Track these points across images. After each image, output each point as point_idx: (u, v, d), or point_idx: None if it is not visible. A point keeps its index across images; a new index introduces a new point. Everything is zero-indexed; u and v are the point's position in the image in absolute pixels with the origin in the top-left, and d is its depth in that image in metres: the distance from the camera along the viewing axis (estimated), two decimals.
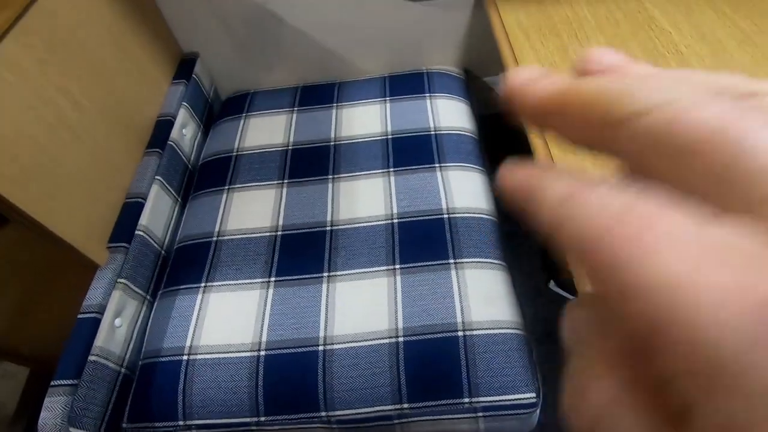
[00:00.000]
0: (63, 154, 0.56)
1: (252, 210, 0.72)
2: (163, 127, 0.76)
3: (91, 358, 0.54)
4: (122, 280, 0.60)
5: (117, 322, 0.59)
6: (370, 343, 0.57)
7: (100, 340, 0.55)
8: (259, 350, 0.57)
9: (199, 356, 0.58)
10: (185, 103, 0.81)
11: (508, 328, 0.57)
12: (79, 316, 0.56)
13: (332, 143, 0.80)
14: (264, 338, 0.58)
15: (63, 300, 0.73)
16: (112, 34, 0.69)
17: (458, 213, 0.68)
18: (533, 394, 0.54)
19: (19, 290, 0.72)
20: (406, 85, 0.87)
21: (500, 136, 1.01)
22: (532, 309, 0.67)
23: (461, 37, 0.90)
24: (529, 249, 1.10)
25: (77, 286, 0.60)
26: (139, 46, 0.75)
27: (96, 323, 0.56)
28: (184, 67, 0.86)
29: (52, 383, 0.51)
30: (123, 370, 0.59)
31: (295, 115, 0.85)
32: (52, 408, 0.50)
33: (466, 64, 0.95)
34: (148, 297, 0.65)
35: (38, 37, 0.54)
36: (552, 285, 1.09)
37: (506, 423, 0.54)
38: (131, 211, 0.66)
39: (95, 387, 0.54)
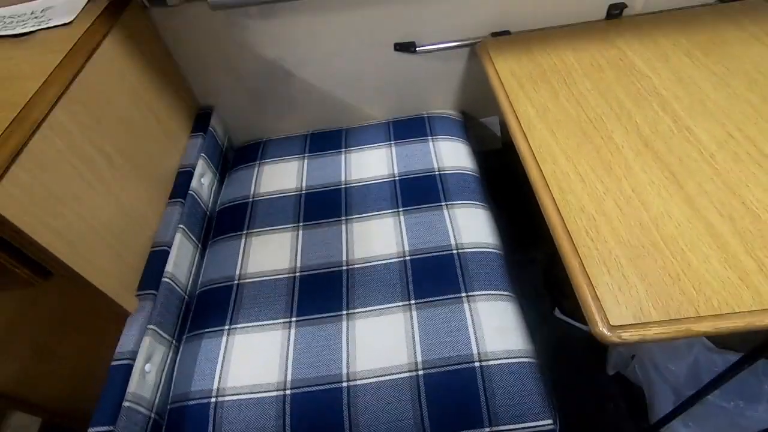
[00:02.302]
0: (99, 208, 0.60)
1: (270, 253, 0.76)
2: (183, 178, 0.81)
3: (125, 404, 0.56)
4: (152, 326, 0.63)
5: (147, 367, 0.61)
6: (391, 377, 0.59)
7: (132, 386, 0.57)
8: (285, 389, 0.60)
9: (227, 398, 0.60)
10: (203, 154, 0.87)
11: (521, 357, 0.60)
12: (113, 362, 0.58)
13: (343, 186, 0.84)
14: (289, 377, 0.61)
15: (78, 351, 0.74)
16: (138, 95, 0.75)
17: (466, 248, 0.72)
18: (550, 421, 0.56)
19: (34, 341, 0.73)
20: (409, 129, 0.94)
21: (498, 169, 1.07)
22: (538, 336, 0.69)
23: (458, 83, 0.97)
24: (532, 277, 1.13)
25: (96, 336, 0.63)
26: (161, 102, 0.81)
27: (129, 369, 0.58)
28: (201, 120, 0.92)
29: (89, 429, 0.53)
30: (153, 415, 0.60)
31: (306, 161, 0.90)
32: None
33: (464, 107, 1.02)
34: (174, 342, 0.68)
35: (80, 105, 0.60)
36: (557, 312, 1.12)
37: None
38: (158, 259, 0.69)
39: None
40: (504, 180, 1.08)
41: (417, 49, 0.88)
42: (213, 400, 0.60)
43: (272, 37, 0.85)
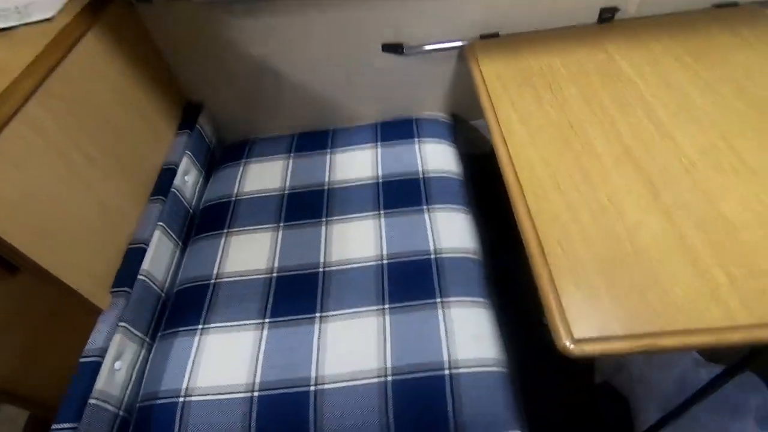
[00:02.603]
0: (74, 205, 0.60)
1: (249, 253, 0.75)
2: (166, 175, 0.81)
3: (91, 401, 0.56)
4: (123, 324, 0.63)
5: (117, 365, 0.61)
6: (359, 383, 0.59)
7: (100, 384, 0.57)
8: (252, 391, 0.59)
9: (194, 398, 0.60)
10: (188, 152, 0.87)
11: (492, 366, 0.59)
12: (81, 359, 0.58)
13: (326, 187, 0.84)
14: (258, 379, 0.60)
15: (66, 345, 0.75)
16: (122, 91, 0.75)
17: (445, 253, 0.71)
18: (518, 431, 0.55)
19: (22, 335, 0.74)
20: (397, 130, 0.93)
21: (484, 174, 1.06)
22: (525, 342, 0.68)
23: (447, 85, 0.96)
24: (521, 283, 1.12)
25: (82, 330, 0.63)
26: (146, 99, 0.81)
27: (97, 367, 0.58)
28: (189, 115, 0.92)
29: (52, 427, 0.53)
30: (121, 412, 0.60)
31: (291, 161, 0.90)
32: None
33: (454, 109, 1.01)
34: (148, 340, 0.68)
35: (58, 100, 0.60)
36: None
37: None
38: (134, 257, 0.69)
39: (93, 430, 0.55)
40: (491, 184, 1.06)
41: (405, 50, 0.88)
42: (181, 399, 0.60)
43: (259, 35, 0.85)
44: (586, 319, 0.45)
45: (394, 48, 0.88)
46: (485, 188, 0.95)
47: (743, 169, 0.56)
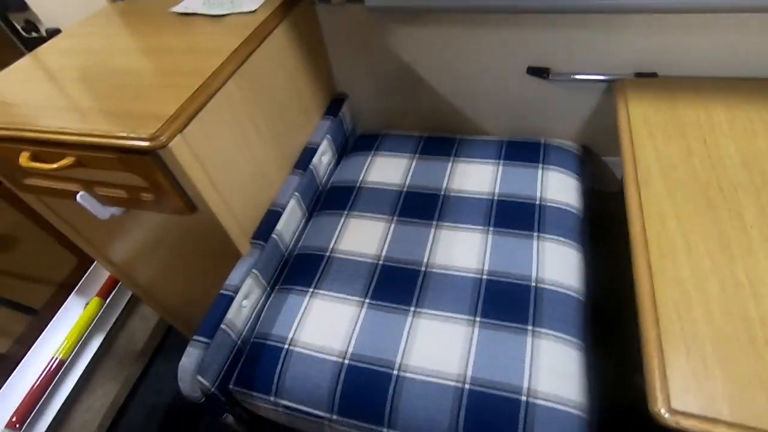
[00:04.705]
0: (241, 167, 0.74)
1: (362, 236, 0.84)
2: (308, 153, 0.93)
3: (222, 326, 0.69)
4: (255, 271, 0.75)
5: (244, 303, 0.74)
6: (438, 381, 0.63)
7: (230, 314, 0.70)
8: (344, 358, 0.67)
9: (297, 348, 0.70)
10: (328, 136, 0.98)
11: (572, 408, 0.59)
12: (221, 291, 0.72)
13: (442, 192, 0.89)
14: (350, 348, 0.68)
15: (197, 274, 0.91)
16: (291, 76, 0.87)
17: (546, 285, 0.71)
18: None
19: (179, 257, 0.91)
20: (522, 152, 0.94)
21: (606, 214, 1.01)
22: (609, 394, 0.66)
23: (585, 115, 0.93)
24: (622, 340, 1.06)
25: (214, 266, 0.77)
26: (306, 85, 0.94)
27: (230, 300, 0.71)
28: (334, 105, 1.04)
29: (193, 338, 0.67)
30: (239, 342, 0.73)
31: (415, 161, 0.96)
32: (190, 355, 0.65)
33: (586, 141, 0.98)
34: (268, 289, 0.80)
35: (247, 80, 0.73)
36: (637, 378, 1.03)
37: None
38: (271, 217, 0.82)
39: (219, 350, 0.68)
40: (612, 225, 1.01)
41: (551, 76, 0.87)
42: (286, 346, 0.70)
43: (413, 41, 0.92)
44: (691, 393, 0.44)
45: (539, 72, 0.88)
46: (604, 227, 0.91)
47: None
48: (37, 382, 0.95)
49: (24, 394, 0.94)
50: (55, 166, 0.63)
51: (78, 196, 0.69)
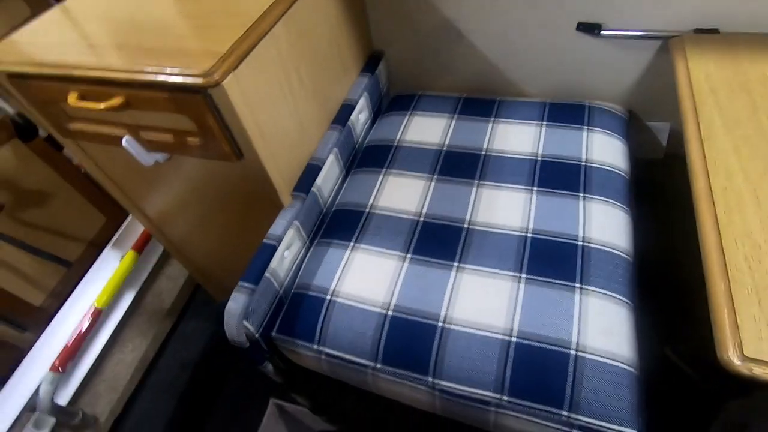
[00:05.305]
0: (285, 117, 0.72)
1: (401, 194, 0.83)
2: (346, 110, 0.91)
3: (266, 274, 0.69)
4: (296, 223, 0.75)
5: (285, 253, 0.73)
6: (484, 333, 0.63)
7: (273, 263, 0.70)
8: (387, 309, 0.67)
9: (339, 299, 0.70)
10: (366, 93, 0.96)
11: (622, 363, 0.59)
12: (264, 241, 0.71)
13: (483, 153, 0.87)
14: (393, 301, 0.68)
15: (234, 225, 0.91)
16: (333, 28, 0.85)
17: (594, 244, 0.70)
18: (635, 431, 0.55)
19: (206, 207, 0.91)
20: (566, 113, 0.91)
21: (651, 181, 0.98)
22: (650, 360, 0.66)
23: (633, 76, 0.90)
24: (657, 305, 1.05)
25: (253, 217, 0.76)
26: (346, 39, 0.91)
27: (273, 249, 0.71)
28: (371, 63, 1.01)
29: (240, 283, 0.67)
30: (281, 292, 0.73)
31: (454, 121, 0.94)
32: (236, 301, 0.65)
33: (631, 105, 0.95)
34: (308, 241, 0.80)
35: (293, 26, 0.71)
36: (669, 350, 1.02)
37: None
38: (311, 171, 0.80)
39: (263, 297, 0.69)
40: (657, 195, 0.99)
41: (602, 32, 0.84)
42: (328, 297, 0.70)
43: None
44: (764, 341, 0.43)
45: (590, 28, 0.85)
46: (646, 195, 0.89)
47: None
48: (78, 330, 0.97)
49: (65, 341, 0.96)
50: (102, 105, 0.63)
51: (123, 140, 0.69)
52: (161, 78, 0.58)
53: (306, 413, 1.05)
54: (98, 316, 1.01)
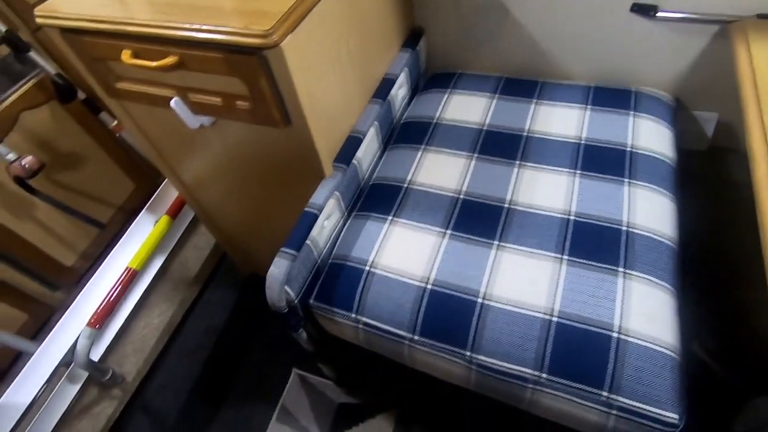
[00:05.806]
0: (332, 86, 0.72)
1: (441, 171, 0.82)
2: (386, 84, 0.90)
3: (307, 242, 0.69)
4: (337, 193, 0.75)
5: (325, 223, 0.74)
6: (525, 312, 0.63)
7: (314, 232, 0.70)
8: (427, 283, 0.67)
9: (378, 271, 0.70)
10: (406, 69, 0.94)
11: (665, 348, 0.58)
12: (306, 209, 0.72)
13: (525, 134, 0.85)
14: (433, 275, 0.68)
15: (271, 194, 0.91)
16: (379, 2, 0.83)
17: (638, 229, 0.69)
18: (676, 416, 0.54)
19: (243, 174, 0.90)
20: (611, 98, 0.89)
21: (695, 174, 0.96)
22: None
23: (686, 62, 0.87)
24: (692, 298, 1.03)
25: (293, 186, 0.76)
26: (390, 15, 0.89)
27: (314, 218, 0.71)
28: (412, 39, 1.00)
29: (282, 249, 0.67)
30: (319, 260, 0.74)
31: (495, 101, 0.93)
32: (278, 266, 0.66)
33: (679, 93, 0.92)
34: (346, 213, 0.80)
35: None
36: (696, 346, 1.02)
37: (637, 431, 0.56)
38: (352, 143, 0.80)
39: (304, 264, 0.69)
40: (701, 187, 0.97)
41: (658, 13, 0.81)
42: (367, 268, 0.71)
43: None
44: None
45: (645, 9, 0.82)
46: (689, 186, 0.87)
47: None
48: (114, 289, 0.99)
49: (102, 298, 0.98)
50: (154, 64, 0.63)
51: (172, 102, 0.69)
52: (218, 37, 0.57)
53: (328, 385, 1.07)
54: (133, 278, 1.03)
